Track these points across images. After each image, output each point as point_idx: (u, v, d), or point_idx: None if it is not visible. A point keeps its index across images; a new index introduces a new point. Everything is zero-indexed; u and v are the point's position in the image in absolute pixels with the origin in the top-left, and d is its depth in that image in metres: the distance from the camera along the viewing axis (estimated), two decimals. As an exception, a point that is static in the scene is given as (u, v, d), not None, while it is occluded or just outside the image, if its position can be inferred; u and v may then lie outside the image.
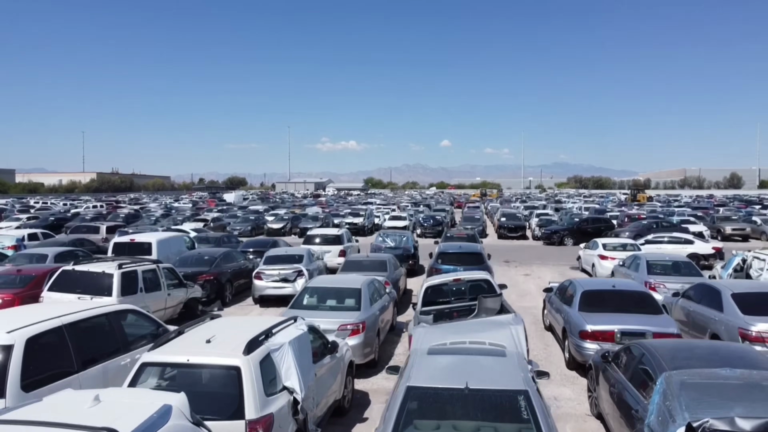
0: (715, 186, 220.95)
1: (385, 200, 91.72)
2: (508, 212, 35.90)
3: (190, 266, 15.00)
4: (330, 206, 59.03)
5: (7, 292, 11.49)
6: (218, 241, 21.64)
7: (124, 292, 10.83)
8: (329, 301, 10.28)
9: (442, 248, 15.16)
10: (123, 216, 39.71)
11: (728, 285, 10.09)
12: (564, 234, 29.91)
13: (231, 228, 36.21)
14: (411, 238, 20.25)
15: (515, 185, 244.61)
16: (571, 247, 29.42)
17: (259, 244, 20.05)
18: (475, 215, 37.82)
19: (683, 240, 21.74)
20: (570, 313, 9.91)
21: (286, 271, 14.77)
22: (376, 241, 19.86)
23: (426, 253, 23.35)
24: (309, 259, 15.62)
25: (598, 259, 18.33)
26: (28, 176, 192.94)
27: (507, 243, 31.63)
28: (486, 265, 14.36)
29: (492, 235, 35.55)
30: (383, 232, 20.95)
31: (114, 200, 73.56)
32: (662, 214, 40.99)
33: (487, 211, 57.12)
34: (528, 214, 41.90)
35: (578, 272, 20.60)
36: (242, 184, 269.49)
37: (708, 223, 33.51)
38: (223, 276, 15.19)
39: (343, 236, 19.88)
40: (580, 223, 30.51)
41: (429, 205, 56.19)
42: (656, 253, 15.42)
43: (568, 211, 42.22)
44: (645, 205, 56.25)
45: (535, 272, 20.98)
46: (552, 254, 26.40)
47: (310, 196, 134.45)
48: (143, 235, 17.20)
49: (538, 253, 26.60)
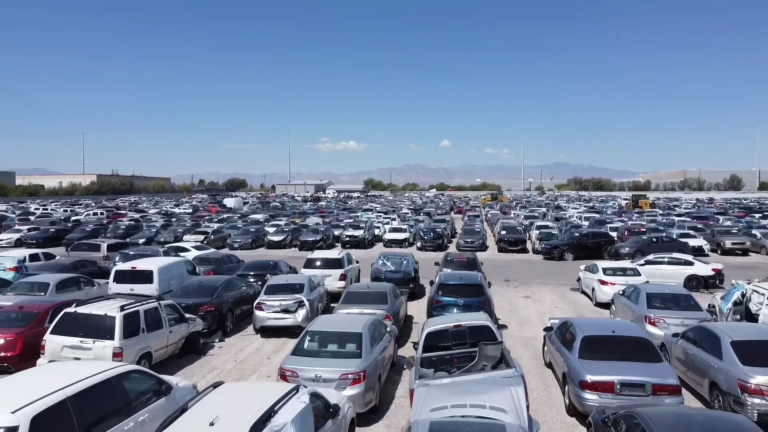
0: (715, 188, 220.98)
1: (385, 205, 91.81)
2: (508, 225, 35.92)
3: (192, 296, 15.05)
4: (330, 214, 59.04)
5: (10, 332, 11.52)
6: (219, 262, 21.70)
7: (126, 335, 10.87)
8: (330, 346, 10.32)
9: (443, 279, 15.18)
10: (123, 228, 39.74)
11: (728, 331, 10.13)
12: (564, 249, 29.96)
13: (231, 240, 36.30)
14: (411, 261, 20.27)
15: (515, 186, 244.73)
16: (572, 262, 29.48)
17: (260, 266, 20.08)
18: (475, 227, 37.84)
19: (683, 261, 21.77)
20: (570, 360, 9.94)
21: (287, 302, 14.81)
22: (376, 265, 19.88)
23: (427, 268, 23.45)
24: (309, 289, 15.65)
25: (598, 284, 18.37)
26: (29, 178, 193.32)
27: (507, 257, 31.69)
28: (486, 296, 14.39)
29: (493, 247, 35.62)
30: (383, 254, 20.93)
31: (114, 207, 73.51)
32: (662, 225, 41.02)
33: (487, 219, 57.18)
34: (528, 225, 41.97)
35: (578, 294, 20.66)
36: (242, 186, 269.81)
37: (708, 236, 33.56)
38: (224, 305, 15.24)
39: (344, 259, 19.91)
40: (580, 237, 30.57)
41: (429, 213, 56.14)
42: (656, 284, 15.42)
43: (569, 222, 42.26)
44: (646, 213, 56.27)
45: (535, 294, 21.02)
46: (552, 271, 26.45)
47: (311, 198, 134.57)
48: (144, 261, 17.23)
49: (538, 271, 26.63)
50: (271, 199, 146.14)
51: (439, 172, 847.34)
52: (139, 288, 16.09)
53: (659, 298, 13.88)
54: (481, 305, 14.08)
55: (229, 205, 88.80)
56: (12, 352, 11.34)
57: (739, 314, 13.87)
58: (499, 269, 26.58)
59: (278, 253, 34.04)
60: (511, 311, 17.99)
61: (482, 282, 15.02)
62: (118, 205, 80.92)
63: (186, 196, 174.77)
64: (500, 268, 27.15)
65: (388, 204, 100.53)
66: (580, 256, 30.13)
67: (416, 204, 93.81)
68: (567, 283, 22.94)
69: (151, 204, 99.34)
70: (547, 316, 17.26)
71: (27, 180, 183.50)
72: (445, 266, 19.33)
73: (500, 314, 17.02)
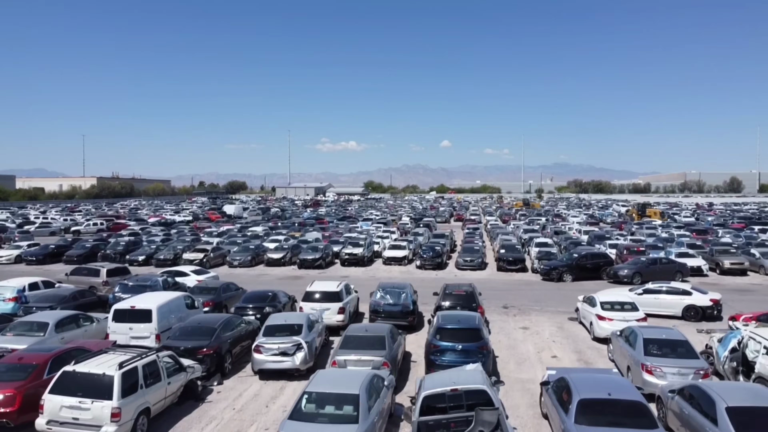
0: (715, 190, 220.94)
1: (385, 211, 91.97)
2: (508, 243, 35.94)
3: (190, 338, 15.08)
4: (330, 225, 59.08)
5: (9, 387, 11.54)
6: (218, 291, 21.73)
7: (125, 394, 10.92)
8: (328, 408, 10.37)
9: (441, 322, 15.19)
10: (123, 244, 39.78)
11: (723, 395, 10.12)
12: (563, 270, 30.00)
13: (231, 258, 36.35)
14: (410, 293, 20.26)
15: (515, 188, 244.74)
16: (570, 284, 29.54)
17: (259, 298, 20.10)
18: (474, 244, 37.83)
19: (681, 291, 21.79)
20: (567, 424, 9.98)
21: (285, 345, 14.85)
22: (374, 298, 19.89)
23: (426, 289, 23.54)
24: (308, 329, 15.68)
25: (596, 318, 18.40)
26: (29, 182, 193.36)
27: (506, 277, 31.72)
28: (484, 341, 14.44)
29: (492, 264, 35.64)
30: (382, 286, 20.87)
31: (113, 216, 73.53)
32: (661, 240, 41.08)
33: (487, 230, 57.18)
34: (527, 240, 42.01)
35: (576, 325, 20.69)
36: (242, 188, 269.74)
37: (707, 256, 33.59)
38: (222, 347, 15.28)
39: (342, 292, 19.92)
40: (579, 259, 30.60)
41: (429, 225, 56.13)
42: (654, 328, 15.37)
43: (568, 238, 42.26)
44: (645, 225, 56.21)
45: (533, 324, 21.06)
46: (551, 295, 26.48)
47: (311, 203, 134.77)
48: (143, 299, 17.22)
49: (536, 295, 26.66)
50: (272, 203, 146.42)
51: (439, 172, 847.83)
52: (138, 328, 16.18)
53: (656, 344, 13.90)
54: (478, 350, 14.18)
55: (228, 212, 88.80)
56: (11, 408, 11.37)
57: (736, 361, 13.90)
58: (498, 293, 26.62)
59: (277, 272, 34.14)
60: (509, 347, 18.03)
61: (480, 326, 15.06)
62: (117, 214, 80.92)
63: (186, 199, 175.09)
64: (499, 292, 27.19)
65: (389, 209, 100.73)
66: (579, 277, 30.18)
67: (416, 210, 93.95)
68: (565, 311, 22.97)
69: (151, 210, 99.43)
70: (545, 354, 17.35)
71: (27, 183, 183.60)
72: (444, 299, 19.36)
73: (498, 350, 17.09)
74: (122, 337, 16.06)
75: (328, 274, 33.26)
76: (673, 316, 21.46)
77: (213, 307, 20.90)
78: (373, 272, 34.04)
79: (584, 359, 16.87)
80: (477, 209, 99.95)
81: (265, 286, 28.92)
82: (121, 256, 38.14)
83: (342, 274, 33.01)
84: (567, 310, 23.09)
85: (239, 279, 31.47)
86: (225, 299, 21.77)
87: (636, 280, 28.86)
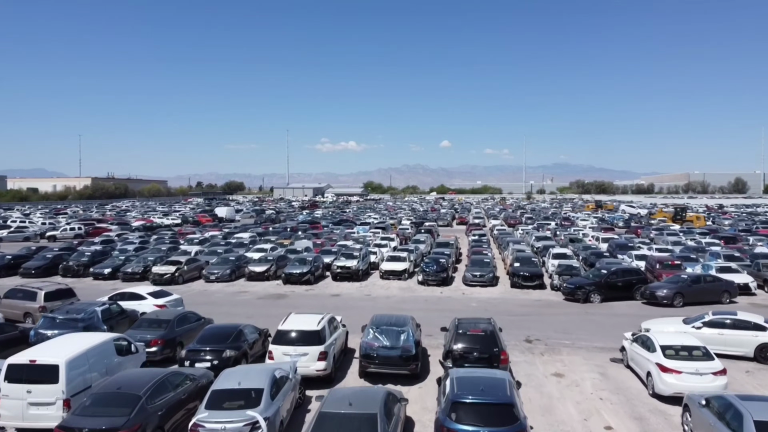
0: (719, 191, 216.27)
1: (384, 214, 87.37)
2: (522, 255, 31.40)
3: (102, 413, 10.55)
4: (325, 230, 54.58)
5: None
6: (171, 325, 17.24)
7: None
8: None
9: (456, 390, 10.67)
10: (89, 254, 35.33)
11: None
12: (590, 289, 25.56)
13: (208, 271, 31.95)
14: (411, 332, 15.65)
15: (516, 189, 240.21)
16: (599, 306, 25.14)
17: (218, 337, 15.62)
18: (483, 255, 33.25)
19: (752, 325, 17.33)
20: None
21: (235, 425, 10.45)
22: (366, 338, 15.39)
23: (431, 320, 18.39)
24: (269, 397, 11.27)
25: (657, 369, 13.93)
26: (19, 182, 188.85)
27: (522, 296, 27.27)
28: (522, 425, 10.00)
29: (504, 279, 31.23)
30: (375, 323, 16.21)
31: (95, 219, 68.99)
32: (689, 250, 36.64)
33: (493, 235, 52.61)
34: (541, 249, 37.56)
35: (623, 370, 16.27)
36: (240, 189, 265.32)
37: (753, 270, 29.17)
38: (148, 424, 10.80)
39: (324, 331, 15.42)
40: (609, 275, 26.12)
41: (432, 231, 51.64)
42: (764, 401, 10.91)
43: (588, 248, 37.78)
44: (665, 230, 51.66)
45: (568, 369, 16.60)
46: (580, 323, 22.03)
47: (307, 204, 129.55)
48: (49, 350, 12.62)
49: (562, 323, 22.17)
50: (268, 203, 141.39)
51: (438, 172, 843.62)
52: (39, 391, 11.74)
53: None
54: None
55: (220, 214, 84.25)
56: None
57: None
58: (516, 320, 22.22)
59: (259, 288, 29.74)
60: (543, 410, 13.57)
61: (513, 397, 10.59)
62: (99, 218, 76.36)
63: (182, 200, 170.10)
64: (517, 317, 22.78)
65: (388, 211, 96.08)
66: (609, 298, 25.78)
67: (417, 213, 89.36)
68: (603, 346, 18.60)
69: (141, 212, 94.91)
70: (595, 423, 12.84)
71: (17, 184, 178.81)
72: (455, 341, 14.85)
73: (529, 413, 12.58)
74: (16, 404, 11.64)
75: (317, 292, 28.88)
76: (743, 356, 17.09)
77: (162, 346, 16.48)
78: (369, 288, 29.64)
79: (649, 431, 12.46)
80: (480, 211, 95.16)
81: (240, 308, 24.59)
82: (85, 268, 33.76)
83: (332, 292, 28.62)
84: (604, 344, 18.73)
85: (213, 298, 27.17)
86: (180, 335, 17.32)
87: (677, 302, 24.51)
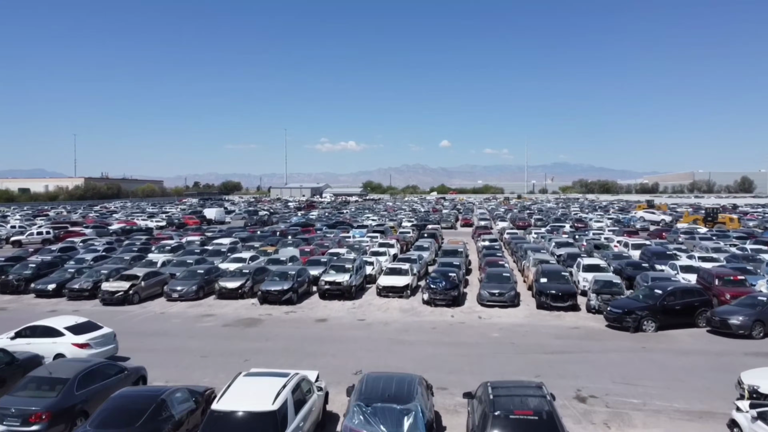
0: (725, 190, 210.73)
1: (383, 215, 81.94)
2: (550, 268, 25.85)
3: None
4: (317, 235, 49.03)
5: None
6: (68, 387, 11.75)
7: None
8: None
9: None
10: (33, 266, 29.99)
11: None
12: (642, 315, 20.20)
13: (170, 288, 26.55)
14: (420, 412, 9.96)
15: (517, 188, 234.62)
16: (654, 335, 19.82)
17: (128, 414, 10.25)
18: (502, 269, 27.55)
19: None
20: None
21: None
22: (352, 423, 9.90)
23: (443, 361, 12.36)
24: None
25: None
26: (9, 183, 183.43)
27: (553, 323, 21.85)
28: None
29: (524, 295, 25.87)
30: (366, 395, 10.59)
31: (68, 222, 63.40)
32: (737, 259, 31.40)
33: (503, 239, 47.17)
34: (565, 258, 32.13)
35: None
36: (237, 189, 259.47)
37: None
38: None
39: (285, 410, 9.93)
40: (665, 297, 20.73)
41: (436, 235, 46.24)
42: None
43: (618, 256, 32.39)
44: (696, 233, 46.21)
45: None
46: (640, 365, 16.64)
47: (304, 205, 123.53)
48: None
49: (616, 365, 16.71)
50: (264, 204, 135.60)
51: (438, 172, 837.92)
52: None
53: None
54: None
55: (209, 216, 78.70)
56: None
57: None
58: (555, 362, 16.87)
59: (228, 309, 24.28)
60: None
61: None
62: (78, 219, 70.92)
63: (176, 200, 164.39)
64: (556, 358, 17.41)
65: (387, 212, 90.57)
66: (666, 325, 20.46)
67: (418, 214, 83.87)
68: (686, 407, 13.27)
69: (127, 214, 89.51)
70: None
71: (5, 185, 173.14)
72: (493, 427, 9.45)
73: None
74: None
75: (299, 315, 23.52)
76: None
77: (49, 422, 11.10)
78: (364, 310, 24.25)
79: None
80: (485, 212, 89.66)
81: (197, 341, 19.30)
82: (27, 283, 28.46)
83: (318, 316, 23.25)
84: (688, 405, 13.41)
85: (167, 326, 21.71)
86: (83, 401, 11.88)
87: (757, 332, 19.20)
